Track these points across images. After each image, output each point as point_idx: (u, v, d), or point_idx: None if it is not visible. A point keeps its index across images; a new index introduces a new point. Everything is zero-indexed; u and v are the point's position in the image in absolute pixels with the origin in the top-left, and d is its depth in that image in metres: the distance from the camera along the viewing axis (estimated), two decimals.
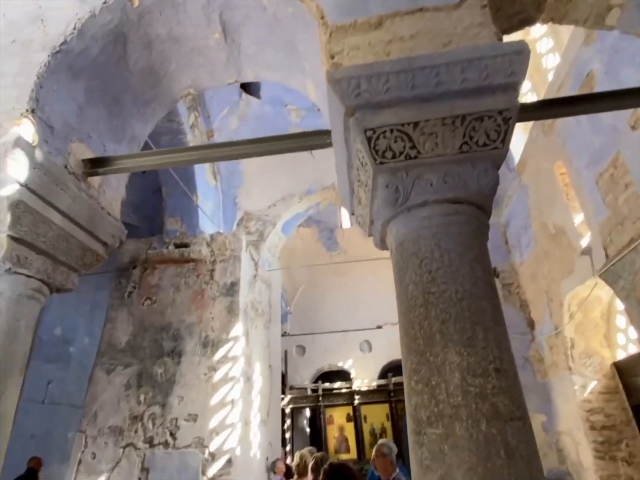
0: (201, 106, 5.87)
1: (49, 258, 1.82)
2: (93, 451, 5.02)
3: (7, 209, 1.59)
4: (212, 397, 4.97)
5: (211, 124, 6.10)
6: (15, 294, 1.69)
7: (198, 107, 5.78)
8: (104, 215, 2.05)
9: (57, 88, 1.81)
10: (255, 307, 6.23)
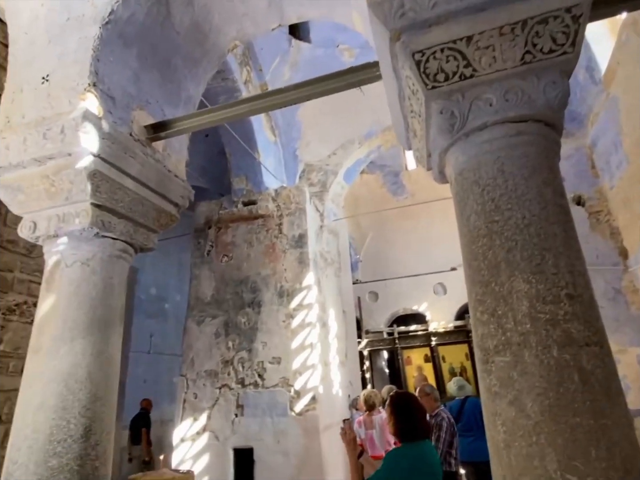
0: (252, 60, 5.82)
1: (129, 221, 2.00)
2: (194, 392, 5.71)
3: (86, 179, 1.76)
4: (292, 342, 5.32)
5: (264, 77, 6.06)
6: (105, 255, 1.90)
7: (249, 62, 5.74)
8: (171, 178, 2.19)
9: (113, 59, 1.91)
10: (325, 257, 6.39)
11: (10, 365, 2.48)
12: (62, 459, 1.61)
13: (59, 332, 1.74)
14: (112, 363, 1.85)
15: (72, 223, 1.81)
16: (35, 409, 1.65)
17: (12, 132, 1.83)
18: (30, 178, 1.81)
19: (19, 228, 1.90)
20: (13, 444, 1.65)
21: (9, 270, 2.55)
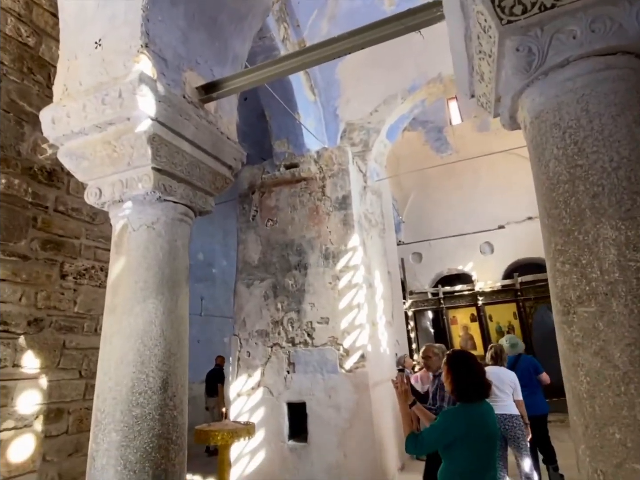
0: (289, 16, 5.60)
1: (187, 185, 2.03)
2: (247, 350, 5.98)
3: (146, 143, 1.78)
4: (340, 302, 5.40)
5: (301, 33, 5.83)
6: (169, 219, 1.96)
7: (286, 18, 5.53)
8: (224, 140, 2.18)
9: (161, 18, 1.87)
10: (369, 218, 6.31)
11: (85, 326, 2.67)
12: (145, 409, 1.73)
13: (132, 292, 1.83)
14: (182, 322, 1.94)
15: (135, 188, 1.85)
16: (116, 364, 1.78)
17: (71, 100, 1.87)
18: (93, 144, 1.86)
19: (85, 195, 1.98)
20: (99, 395, 1.79)
21: (76, 237, 2.69)
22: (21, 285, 2.33)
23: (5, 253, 2.27)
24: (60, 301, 2.52)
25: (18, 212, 2.37)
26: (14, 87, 2.44)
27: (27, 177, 2.43)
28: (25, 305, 2.33)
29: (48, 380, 2.41)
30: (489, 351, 3.97)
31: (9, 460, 2.20)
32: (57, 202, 2.58)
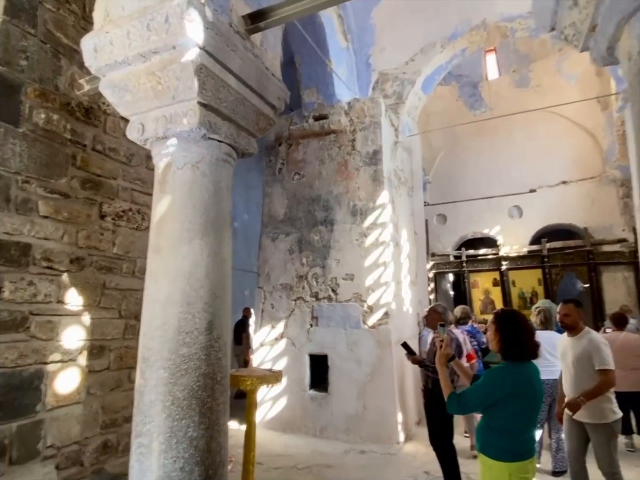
0: None
1: (232, 123, 1.93)
2: (271, 302, 6.06)
3: (193, 75, 1.67)
4: (365, 260, 5.36)
5: None
6: (213, 158, 1.88)
7: None
8: (269, 77, 2.05)
9: None
10: (398, 176, 6.13)
11: (123, 267, 2.69)
12: (191, 349, 1.74)
13: (178, 232, 1.79)
14: (226, 265, 1.91)
15: (180, 123, 1.76)
16: (163, 303, 1.77)
17: (114, 26, 1.75)
18: (137, 75, 1.76)
19: (127, 130, 1.91)
20: (145, 333, 1.81)
21: (113, 178, 2.65)
22: (63, 223, 2.32)
23: (47, 190, 2.24)
24: (100, 241, 2.52)
25: (57, 148, 2.32)
26: (50, 17, 2.32)
27: (65, 113, 2.36)
28: (67, 244, 2.34)
29: (90, 318, 2.46)
30: (536, 315, 3.86)
31: (57, 390, 2.29)
32: (94, 140, 2.52)
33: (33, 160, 2.22)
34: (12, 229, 2.11)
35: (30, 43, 2.26)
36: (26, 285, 2.16)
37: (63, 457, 2.34)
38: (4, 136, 2.10)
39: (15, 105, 2.16)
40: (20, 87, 2.19)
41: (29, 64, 2.24)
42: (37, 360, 2.19)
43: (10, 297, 2.09)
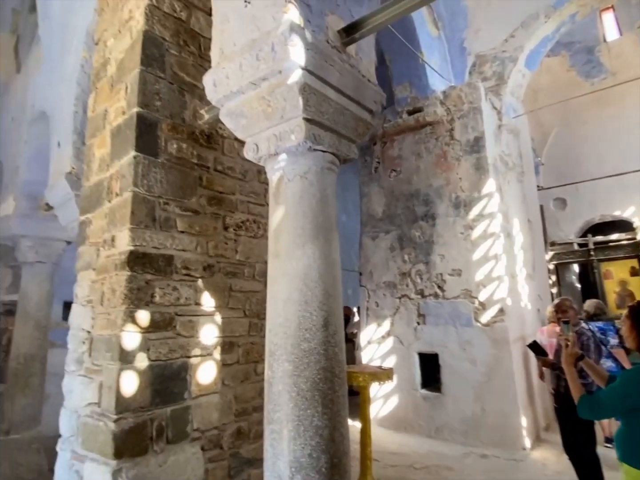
0: None
1: (333, 133, 2.06)
2: (375, 301, 6.13)
3: (298, 94, 1.83)
4: (473, 254, 5.12)
5: None
6: (319, 168, 2.02)
7: None
8: (365, 83, 2.13)
9: None
10: (505, 161, 5.73)
11: (245, 271, 3.00)
12: (311, 344, 1.89)
13: (292, 238, 1.97)
14: (336, 265, 2.04)
15: (288, 140, 1.94)
16: (284, 303, 1.96)
17: (228, 61, 1.99)
18: (250, 102, 1.98)
19: (244, 151, 2.15)
20: (271, 330, 2.01)
21: (232, 194, 2.98)
22: (195, 236, 2.69)
23: (182, 209, 2.63)
24: (225, 250, 2.86)
25: (188, 172, 2.70)
26: (174, 60, 2.72)
27: (191, 141, 2.73)
28: (200, 253, 2.70)
29: (221, 317, 2.80)
30: None
31: (199, 381, 2.65)
32: (215, 162, 2.87)
33: (170, 184, 2.61)
34: (158, 243, 2.51)
35: (162, 85, 2.67)
36: (171, 291, 2.55)
37: (206, 440, 2.69)
38: (148, 167, 2.52)
39: (154, 140, 2.58)
40: (157, 124, 2.60)
41: (161, 103, 2.64)
42: (182, 355, 2.57)
43: (160, 301, 2.49)
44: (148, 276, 2.44)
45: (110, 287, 2.48)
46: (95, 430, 2.37)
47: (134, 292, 2.38)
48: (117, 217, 2.55)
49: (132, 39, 2.73)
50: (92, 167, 3.00)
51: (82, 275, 2.84)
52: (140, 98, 2.55)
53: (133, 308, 2.36)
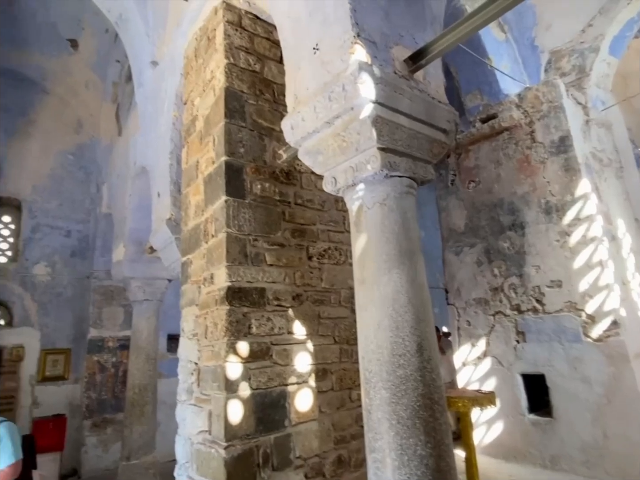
0: None
1: (408, 157, 2.08)
2: (467, 319, 5.84)
3: (371, 127, 1.90)
4: (574, 262, 4.69)
5: None
6: (397, 193, 2.05)
7: None
8: (436, 105, 2.14)
9: (365, 4, 1.95)
10: (598, 158, 5.24)
11: (331, 298, 3.08)
12: (406, 370, 1.88)
13: (377, 265, 2.00)
14: (424, 289, 2.02)
15: (365, 170, 2.00)
16: (374, 329, 1.98)
17: (302, 105, 2.14)
18: (325, 140, 2.10)
19: (323, 185, 2.26)
20: (364, 357, 2.04)
21: (313, 224, 3.11)
22: (283, 268, 2.84)
23: (269, 243, 2.81)
24: (311, 279, 2.97)
25: (271, 209, 2.89)
26: (253, 109, 2.97)
27: (272, 180, 2.93)
28: (288, 284, 2.84)
29: (313, 345, 2.88)
30: None
31: (297, 408, 2.74)
32: (295, 196, 3.04)
33: (257, 222, 2.81)
34: (251, 278, 2.70)
35: (244, 133, 2.92)
36: (266, 321, 2.70)
37: (309, 468, 2.75)
38: (237, 208, 2.75)
39: (241, 183, 2.81)
40: (242, 168, 2.84)
41: (245, 149, 2.89)
42: (280, 383, 2.69)
43: (256, 332, 2.65)
44: (244, 309, 2.62)
45: (212, 321, 2.71)
46: (208, 457, 2.55)
47: (234, 324, 2.57)
48: (214, 257, 2.80)
49: (215, 95, 3.05)
50: (189, 213, 3.34)
51: (187, 311, 3.13)
52: (226, 147, 2.82)
53: (234, 340, 2.54)
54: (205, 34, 3.41)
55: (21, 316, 7.51)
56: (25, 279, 7.68)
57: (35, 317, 7.59)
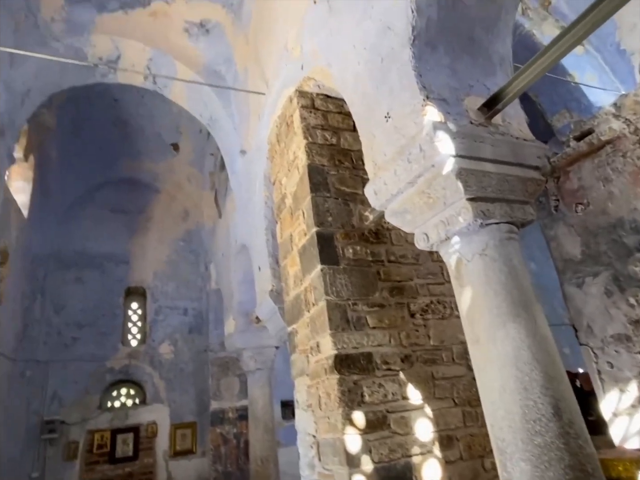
0: None
1: (502, 202, 1.99)
2: (607, 360, 5.02)
3: (455, 180, 1.88)
4: None
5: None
6: (497, 241, 1.95)
7: None
8: (521, 144, 2.06)
9: (429, 67, 2.02)
10: None
11: (443, 356, 2.91)
12: (545, 437, 1.66)
13: (488, 320, 1.87)
14: (548, 341, 1.82)
15: (456, 223, 1.95)
16: (498, 393, 1.81)
17: (382, 170, 2.21)
18: (410, 199, 2.11)
19: (415, 242, 2.24)
20: (493, 424, 1.85)
21: (410, 279, 3.05)
22: (386, 329, 2.79)
23: (369, 305, 2.80)
24: (417, 337, 2.86)
25: (366, 271, 2.91)
26: (335, 178, 3.13)
27: (362, 241, 2.99)
28: (394, 346, 2.77)
29: (431, 410, 2.71)
30: None
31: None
32: (387, 254, 3.04)
33: (354, 285, 2.85)
34: (356, 343, 2.69)
35: (329, 203, 3.07)
36: (377, 388, 2.63)
37: None
38: (333, 275, 2.82)
39: (333, 250, 2.91)
40: (332, 236, 2.96)
41: (332, 217, 3.02)
42: (403, 454, 2.54)
43: (370, 400, 2.58)
44: (354, 377, 2.59)
45: (324, 391, 2.71)
46: None
47: (346, 394, 2.54)
48: (317, 325, 2.87)
49: (300, 173, 3.29)
50: (289, 284, 3.51)
51: (299, 382, 3.19)
52: (315, 219, 2.98)
53: (348, 410, 2.50)
54: (284, 121, 3.77)
55: (152, 393, 8.28)
56: (153, 359, 8.54)
57: (163, 393, 8.31)
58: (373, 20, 2.38)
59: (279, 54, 4.02)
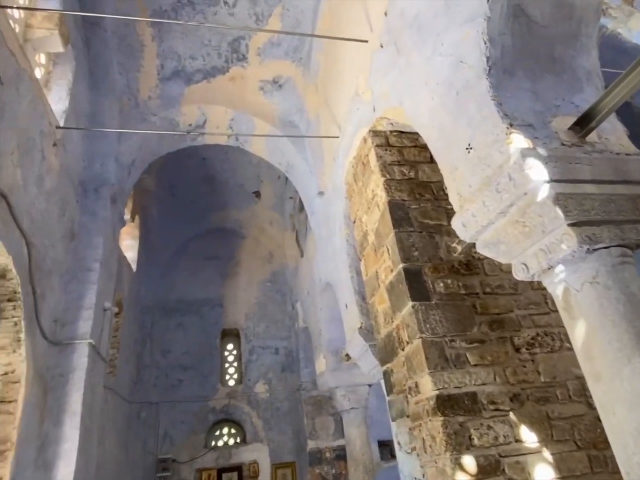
0: None
1: (609, 224, 1.83)
2: None
3: (553, 206, 1.78)
4: None
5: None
6: (609, 267, 1.78)
7: None
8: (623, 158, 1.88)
9: (509, 94, 1.99)
10: None
11: (557, 394, 2.66)
12: None
13: (609, 355, 1.70)
14: None
15: (559, 250, 1.84)
16: (633, 436, 1.60)
17: (470, 203, 2.17)
18: (503, 229, 2.04)
19: (513, 273, 2.13)
20: (628, 473, 1.64)
21: (510, 311, 2.87)
22: (490, 366, 2.63)
23: (467, 341, 2.68)
24: (525, 374, 2.66)
25: (460, 305, 2.81)
26: (417, 213, 3.13)
27: (453, 274, 2.91)
28: (500, 384, 2.59)
29: (551, 453, 2.46)
30: None
31: None
32: (482, 285, 2.91)
33: (449, 321, 2.75)
34: (458, 382, 2.57)
35: (414, 237, 3.05)
36: (486, 430, 2.46)
37: None
38: (425, 312, 2.77)
39: (423, 285, 2.87)
40: (420, 271, 2.92)
41: (418, 252, 2.99)
42: None
43: (479, 443, 2.43)
44: (460, 418, 2.46)
45: (428, 433, 2.60)
46: None
47: (452, 437, 2.41)
48: (414, 364, 2.80)
49: (380, 210, 3.34)
50: (379, 322, 3.50)
51: (399, 423, 3.10)
52: (401, 255, 2.97)
53: (457, 454, 2.37)
54: (359, 161, 3.89)
55: (252, 432, 8.52)
56: (250, 398, 8.85)
57: (262, 432, 8.51)
58: (444, 55, 2.42)
59: (350, 99, 4.21)
